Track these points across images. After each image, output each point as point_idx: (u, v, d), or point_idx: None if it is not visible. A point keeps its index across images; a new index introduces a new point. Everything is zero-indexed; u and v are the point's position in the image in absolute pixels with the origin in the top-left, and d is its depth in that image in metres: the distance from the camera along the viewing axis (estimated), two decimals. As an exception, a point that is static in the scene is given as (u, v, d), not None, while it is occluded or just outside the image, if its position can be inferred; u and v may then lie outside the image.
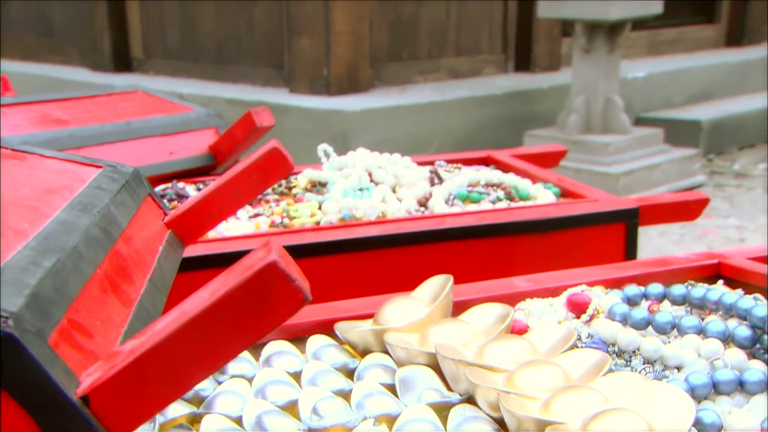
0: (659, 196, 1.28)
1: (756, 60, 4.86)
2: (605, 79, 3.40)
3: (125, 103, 1.50)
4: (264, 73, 3.89)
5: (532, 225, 1.22)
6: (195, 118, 1.48)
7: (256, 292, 0.48)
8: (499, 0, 4.18)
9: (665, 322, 0.75)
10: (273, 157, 0.85)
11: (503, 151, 1.61)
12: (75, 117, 1.39)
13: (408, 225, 1.21)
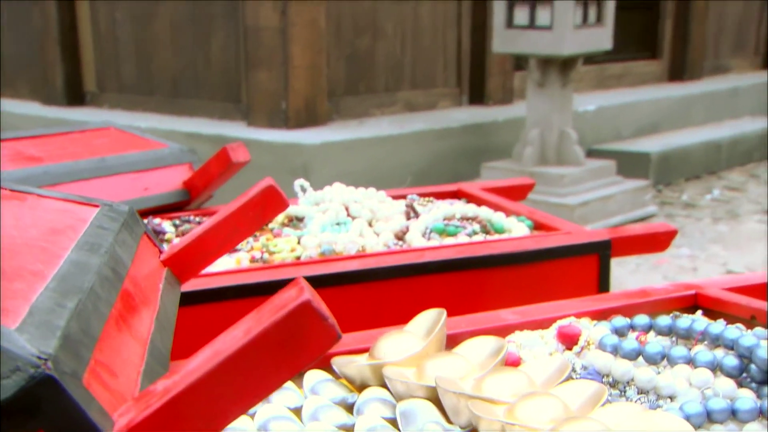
0: (629, 228, 1.32)
1: (697, 94, 5.02)
2: (559, 112, 3.48)
3: (99, 139, 1.49)
4: (221, 107, 3.89)
5: (509, 258, 1.25)
6: (169, 154, 1.48)
7: (290, 330, 0.49)
8: (453, 35, 4.26)
9: (656, 352, 0.78)
10: (269, 195, 0.87)
11: (472, 184, 1.64)
12: (49, 154, 1.38)
13: (388, 259, 1.23)
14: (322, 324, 0.49)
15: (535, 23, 3.36)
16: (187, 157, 1.50)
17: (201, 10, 3.88)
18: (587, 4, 3.37)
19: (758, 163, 4.68)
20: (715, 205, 3.74)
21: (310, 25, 3.57)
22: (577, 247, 1.27)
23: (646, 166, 4.01)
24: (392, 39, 4.02)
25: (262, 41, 3.56)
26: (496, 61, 4.32)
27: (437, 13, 4.18)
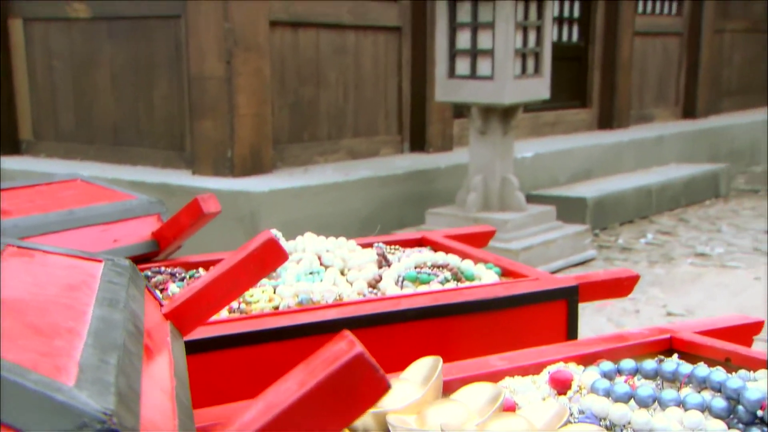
0: (594, 274, 1.38)
1: (626, 142, 5.20)
2: (501, 159, 3.57)
3: (66, 191, 1.49)
4: (164, 155, 3.87)
5: (483, 304, 1.28)
6: (137, 206, 1.48)
7: (344, 382, 0.51)
8: (394, 84, 4.34)
9: (647, 395, 0.82)
10: (269, 247, 0.89)
11: (435, 232, 1.68)
12: (17, 207, 1.37)
13: (366, 307, 1.26)
14: (374, 375, 0.52)
15: (476, 73, 3.46)
16: (156, 208, 1.50)
17: (143, 59, 3.88)
18: (525, 56, 3.49)
19: (685, 207, 4.86)
20: (650, 248, 3.86)
21: (255, 74, 3.60)
22: (547, 293, 1.31)
23: (582, 211, 4.12)
24: (335, 88, 4.07)
25: (207, 90, 3.57)
26: (436, 109, 4.41)
27: (379, 63, 4.26)
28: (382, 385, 0.52)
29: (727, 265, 3.54)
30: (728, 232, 4.19)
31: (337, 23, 4.02)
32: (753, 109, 7.49)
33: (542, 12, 3.52)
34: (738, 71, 7.43)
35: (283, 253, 0.91)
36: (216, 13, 3.49)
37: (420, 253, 1.48)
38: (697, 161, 5.70)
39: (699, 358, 0.98)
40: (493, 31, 3.38)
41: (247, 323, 1.21)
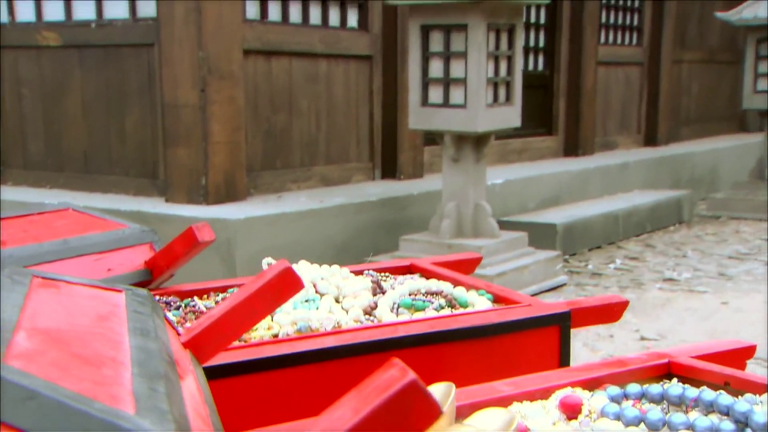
0: (585, 300, 1.41)
1: (592, 169, 5.29)
2: (473, 186, 3.61)
3: (59, 221, 1.49)
4: (136, 183, 3.86)
5: (479, 331, 1.31)
6: (130, 235, 1.48)
7: (398, 409, 0.53)
8: (366, 112, 4.38)
9: (657, 419, 0.85)
10: (285, 276, 0.90)
11: (423, 259, 1.71)
12: (11, 237, 1.37)
13: (364, 334, 1.27)
14: (427, 401, 0.53)
15: (449, 102, 3.51)
16: (148, 237, 1.51)
17: (114, 87, 3.87)
18: (497, 85, 3.55)
19: (651, 233, 4.95)
20: (619, 273, 3.93)
21: (229, 102, 3.61)
22: (540, 319, 1.34)
23: (552, 237, 4.18)
24: (307, 116, 4.10)
25: (180, 118, 3.57)
26: (407, 136, 4.45)
27: (350, 91, 4.30)
28: (434, 410, 0.54)
29: (695, 290, 3.61)
30: (694, 258, 4.28)
31: (310, 52, 4.05)
32: (710, 137, 7.66)
33: (513, 42, 3.59)
34: (696, 100, 7.60)
35: (299, 282, 0.92)
36: (190, 42, 3.51)
37: (412, 280, 1.50)
38: (660, 188, 5.81)
39: (698, 382, 1.01)
40: (465, 61, 3.43)
41: (247, 351, 1.22)
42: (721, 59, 7.95)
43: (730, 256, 4.31)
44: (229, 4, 3.58)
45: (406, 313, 1.38)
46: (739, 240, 4.75)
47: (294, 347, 1.23)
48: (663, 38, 6.70)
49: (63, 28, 3.96)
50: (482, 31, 3.40)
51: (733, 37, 8.06)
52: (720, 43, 7.91)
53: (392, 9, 4.36)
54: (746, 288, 3.63)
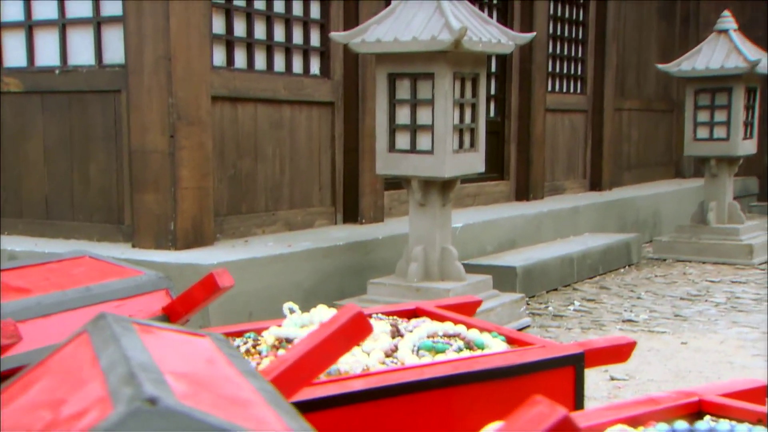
0: (596, 341, 1.48)
1: (546, 213, 5.43)
2: (440, 230, 3.69)
3: (77, 268, 1.49)
4: (100, 228, 3.83)
5: (502, 371, 1.36)
6: (147, 281, 1.50)
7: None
8: (328, 157, 4.44)
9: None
10: (357, 321, 0.94)
11: (427, 303, 1.76)
12: (35, 285, 1.38)
13: (393, 376, 1.31)
14: None
15: (416, 148, 3.59)
16: (163, 283, 1.52)
17: (78, 133, 3.85)
18: (462, 132, 3.65)
19: (603, 275, 5.09)
20: (579, 315, 4.03)
21: (198, 148, 3.63)
22: (557, 360, 1.40)
23: (512, 280, 4.27)
24: (272, 161, 4.14)
25: (149, 164, 3.58)
26: (368, 181, 4.52)
27: (313, 136, 4.36)
28: (580, 441, 0.59)
29: (654, 330, 3.73)
30: (648, 299, 4.41)
31: (274, 98, 4.10)
32: (649, 182, 7.92)
33: (476, 90, 3.70)
34: (635, 147, 7.87)
35: (369, 326, 0.96)
36: (160, 89, 3.53)
37: (425, 323, 1.55)
38: (608, 231, 5.97)
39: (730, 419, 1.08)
40: (432, 108, 3.53)
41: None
42: (657, 108, 8.26)
43: (681, 297, 4.46)
44: (198, 52, 3.62)
45: (426, 355, 1.42)
46: (687, 282, 4.92)
47: (326, 390, 1.26)
48: (605, 87, 6.95)
49: (25, 74, 3.94)
50: (449, 79, 3.50)
51: (667, 86, 8.39)
52: (656, 92, 8.23)
53: (353, 57, 4.45)
54: (702, 328, 3.76)
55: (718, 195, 5.79)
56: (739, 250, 5.56)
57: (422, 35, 3.42)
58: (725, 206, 5.80)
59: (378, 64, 3.65)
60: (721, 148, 5.67)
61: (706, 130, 5.71)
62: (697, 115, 5.74)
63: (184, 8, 3.54)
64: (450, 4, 3.53)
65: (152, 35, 3.53)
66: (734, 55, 5.56)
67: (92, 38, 3.79)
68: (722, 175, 5.78)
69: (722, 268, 5.39)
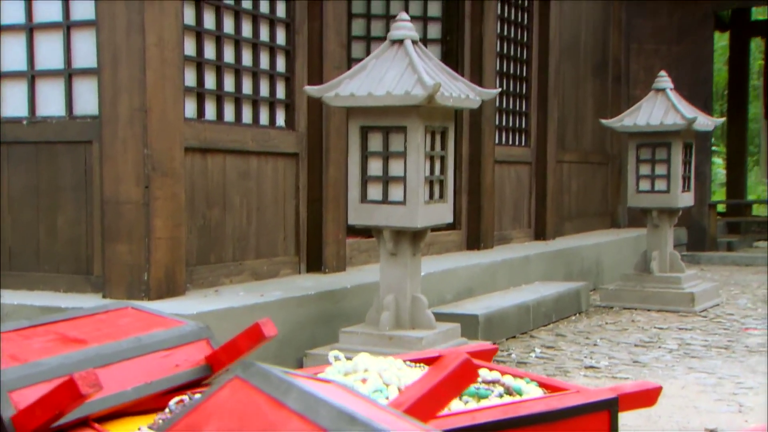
0: (624, 386, 1.56)
1: (500, 262, 5.57)
2: (411, 279, 3.76)
3: (122, 319, 1.51)
4: (67, 279, 3.79)
5: (545, 416, 1.43)
6: (189, 332, 1.53)
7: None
8: (292, 207, 4.49)
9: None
10: (466, 367, 1.01)
11: (452, 350, 1.82)
12: (89, 336, 1.39)
13: (448, 422, 1.37)
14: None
15: (388, 199, 3.68)
16: (205, 333, 1.56)
17: (46, 183, 3.82)
18: (432, 183, 3.75)
19: (557, 323, 5.23)
20: (542, 362, 4.14)
21: (171, 198, 3.65)
22: (594, 405, 1.48)
23: (474, 328, 4.36)
24: (239, 211, 4.17)
25: (122, 214, 3.58)
26: (332, 231, 4.58)
27: (278, 187, 4.41)
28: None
29: (617, 376, 3.86)
30: (604, 346, 4.56)
31: (243, 149, 4.15)
32: (588, 232, 8.17)
33: (445, 143, 3.82)
34: (575, 197, 8.12)
35: (476, 371, 1.03)
36: (135, 140, 3.54)
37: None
38: (555, 279, 6.14)
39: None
40: (404, 160, 3.62)
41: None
42: (594, 160, 8.56)
43: (635, 344, 4.62)
44: (172, 104, 3.66)
45: (470, 401, 1.49)
46: (638, 329, 5.09)
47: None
48: (547, 140, 7.18)
49: (-9, 123, 3.90)
50: (421, 133, 3.61)
51: (603, 140, 8.72)
52: (592, 145, 8.53)
53: (317, 109, 4.54)
54: (662, 374, 3.90)
55: (660, 245, 6.02)
56: (681, 298, 5.77)
57: (396, 90, 3.53)
58: (667, 256, 6.03)
59: (351, 117, 3.74)
60: (662, 200, 5.92)
61: (648, 183, 5.96)
62: (639, 168, 5.99)
63: (160, 61, 3.58)
64: (421, 61, 3.66)
65: (128, 87, 3.56)
66: (672, 112, 5.84)
67: (63, 90, 3.78)
68: (663, 226, 6.02)
69: (667, 315, 5.59)
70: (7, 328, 1.36)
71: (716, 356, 4.30)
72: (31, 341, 1.30)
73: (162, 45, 3.60)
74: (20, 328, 1.36)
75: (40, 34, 3.83)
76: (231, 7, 4.10)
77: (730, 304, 6.12)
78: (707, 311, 5.74)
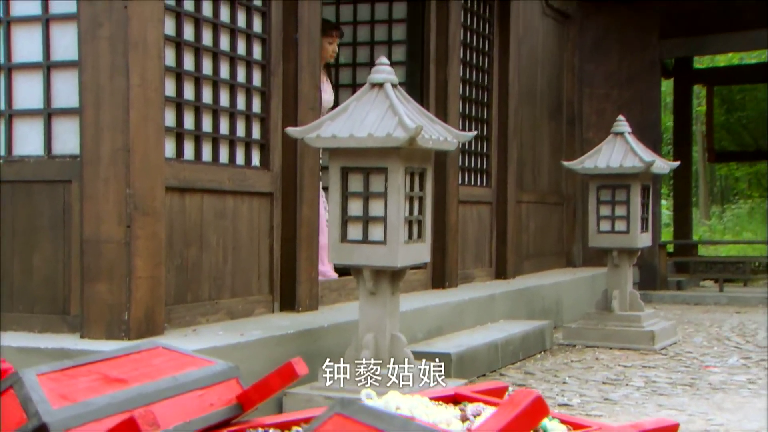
0: (643, 423, 1.63)
1: (467, 300, 5.65)
2: (390, 317, 3.81)
3: (157, 359, 1.53)
4: (42, 320, 3.74)
5: (574, 449, 1.49)
6: (220, 371, 1.55)
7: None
8: (266, 246, 4.51)
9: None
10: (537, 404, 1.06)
11: (464, 387, 1.88)
12: (129, 376, 1.41)
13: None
14: None
15: (368, 239, 3.73)
16: (234, 372, 1.58)
17: (21, 222, 3.79)
18: (411, 223, 3.82)
19: (524, 361, 5.31)
20: (516, 399, 4.19)
21: (152, 237, 3.65)
22: (619, 439, 1.54)
23: (448, 366, 4.41)
24: (215, 250, 4.17)
25: (102, 254, 3.56)
26: (305, 269, 4.61)
27: (253, 226, 4.43)
28: None
29: (591, 414, 3.93)
30: (573, 384, 4.64)
31: (220, 189, 4.17)
32: (545, 271, 8.32)
33: (423, 184, 3.90)
34: (533, 237, 8.27)
35: (547, 408, 1.08)
36: (117, 180, 3.55)
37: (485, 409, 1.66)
38: (519, 318, 6.23)
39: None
40: (385, 201, 3.68)
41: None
42: (550, 201, 8.74)
43: (603, 382, 4.71)
44: (154, 144, 3.68)
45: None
46: (603, 367, 5.20)
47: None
48: (508, 181, 7.33)
49: (-35, 161, 3.86)
50: (401, 174, 3.68)
51: (558, 181, 8.92)
52: (549, 186, 8.72)
53: (292, 149, 4.59)
54: (634, 411, 3.99)
55: (620, 284, 6.17)
56: (642, 337, 5.91)
57: (377, 132, 3.60)
58: (627, 295, 6.18)
59: (331, 158, 3.80)
60: (622, 241, 6.08)
61: (609, 224, 6.11)
62: (600, 209, 6.14)
63: (143, 102, 3.61)
64: (401, 103, 3.74)
65: (111, 127, 3.57)
66: (631, 155, 6.02)
67: (42, 129, 3.77)
68: (623, 266, 6.17)
69: (629, 353, 5.71)
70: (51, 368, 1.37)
71: (682, 393, 4.41)
72: (77, 381, 1.31)
73: (145, 86, 3.62)
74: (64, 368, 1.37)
75: (19, 74, 3.82)
76: (209, 48, 4.15)
77: (686, 342, 6.28)
78: (666, 349, 5.88)
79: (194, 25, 4.06)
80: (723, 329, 6.97)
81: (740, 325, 7.22)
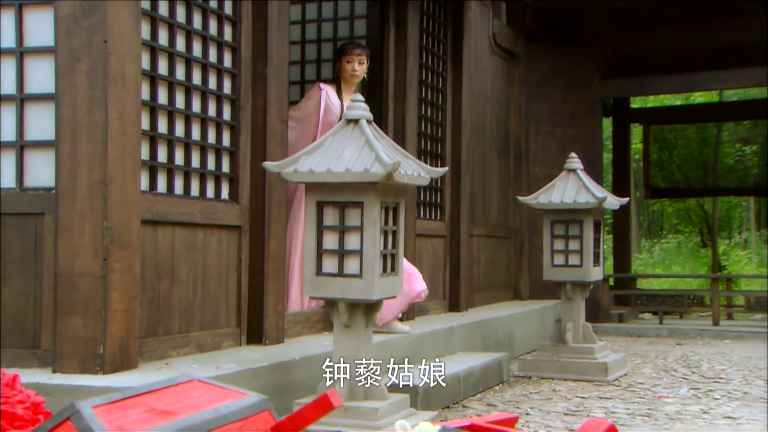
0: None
1: (429, 332, 5.71)
2: (363, 350, 3.85)
3: (195, 391, 1.55)
4: (10, 354, 3.68)
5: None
6: (254, 403, 1.58)
7: None
8: (234, 279, 4.52)
9: None
10: None
11: (480, 418, 1.94)
12: (174, 408, 1.43)
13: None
14: None
15: (344, 272, 3.78)
16: (267, 404, 1.61)
17: (-10, 254, 3.73)
18: (386, 257, 3.88)
19: (484, 393, 5.39)
20: None
21: (128, 271, 3.64)
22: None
23: (414, 398, 4.46)
24: (186, 283, 4.17)
25: (77, 287, 3.54)
26: (272, 303, 4.62)
27: (222, 259, 4.44)
28: None
29: (559, 442, 4.03)
30: (536, 415, 4.73)
31: (191, 222, 4.18)
32: (495, 303, 8.45)
33: (397, 218, 3.98)
34: (483, 270, 8.41)
35: None
36: (94, 213, 3.54)
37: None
38: (475, 350, 6.32)
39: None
40: (361, 234, 3.74)
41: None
42: (499, 234, 8.90)
43: (565, 413, 4.82)
44: (131, 177, 3.68)
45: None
46: (561, 398, 5.31)
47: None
48: (461, 215, 7.46)
49: (-68, 192, 3.79)
50: (377, 208, 3.75)
51: (506, 216, 9.10)
52: (497, 220, 8.89)
53: (259, 183, 4.62)
54: (599, 439, 4.09)
55: (573, 316, 6.31)
56: (595, 368, 6.05)
57: (355, 167, 3.67)
58: (580, 327, 6.32)
59: (308, 192, 3.85)
60: (575, 274, 6.23)
61: (562, 257, 6.27)
62: (554, 243, 6.30)
63: (121, 136, 3.62)
64: (376, 140, 3.82)
65: (88, 160, 3.56)
66: (584, 191, 6.20)
67: (13, 161, 3.74)
68: (576, 299, 6.32)
69: (584, 384, 5.84)
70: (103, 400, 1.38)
71: (642, 424, 4.54)
72: (128, 413, 1.33)
73: (123, 119, 3.63)
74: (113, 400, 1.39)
75: (-9, 106, 3.79)
76: (182, 83, 4.17)
77: (636, 373, 6.45)
78: (619, 380, 6.03)
79: (168, 58, 4.08)
80: (668, 360, 7.17)
81: (683, 356, 7.44)
